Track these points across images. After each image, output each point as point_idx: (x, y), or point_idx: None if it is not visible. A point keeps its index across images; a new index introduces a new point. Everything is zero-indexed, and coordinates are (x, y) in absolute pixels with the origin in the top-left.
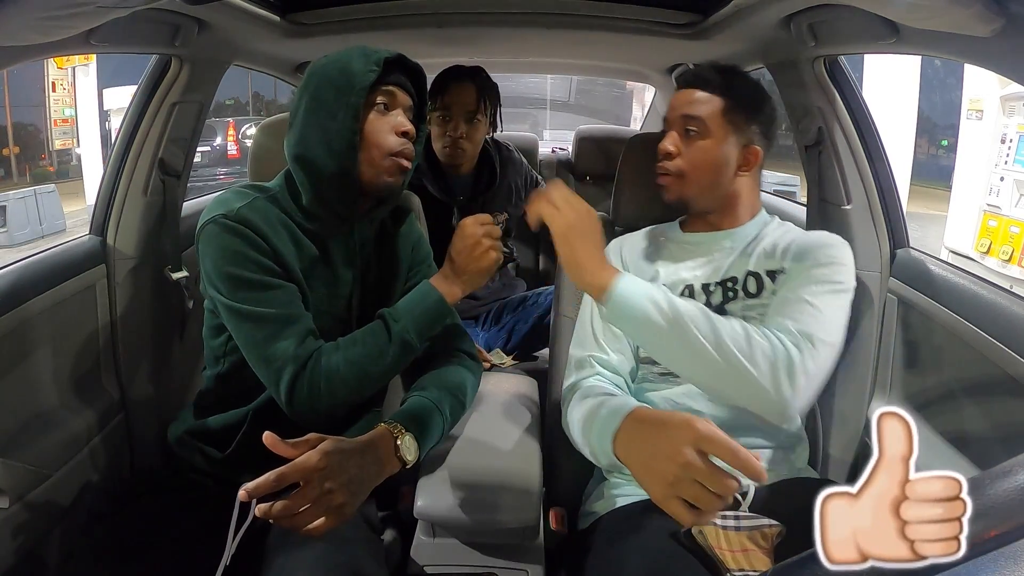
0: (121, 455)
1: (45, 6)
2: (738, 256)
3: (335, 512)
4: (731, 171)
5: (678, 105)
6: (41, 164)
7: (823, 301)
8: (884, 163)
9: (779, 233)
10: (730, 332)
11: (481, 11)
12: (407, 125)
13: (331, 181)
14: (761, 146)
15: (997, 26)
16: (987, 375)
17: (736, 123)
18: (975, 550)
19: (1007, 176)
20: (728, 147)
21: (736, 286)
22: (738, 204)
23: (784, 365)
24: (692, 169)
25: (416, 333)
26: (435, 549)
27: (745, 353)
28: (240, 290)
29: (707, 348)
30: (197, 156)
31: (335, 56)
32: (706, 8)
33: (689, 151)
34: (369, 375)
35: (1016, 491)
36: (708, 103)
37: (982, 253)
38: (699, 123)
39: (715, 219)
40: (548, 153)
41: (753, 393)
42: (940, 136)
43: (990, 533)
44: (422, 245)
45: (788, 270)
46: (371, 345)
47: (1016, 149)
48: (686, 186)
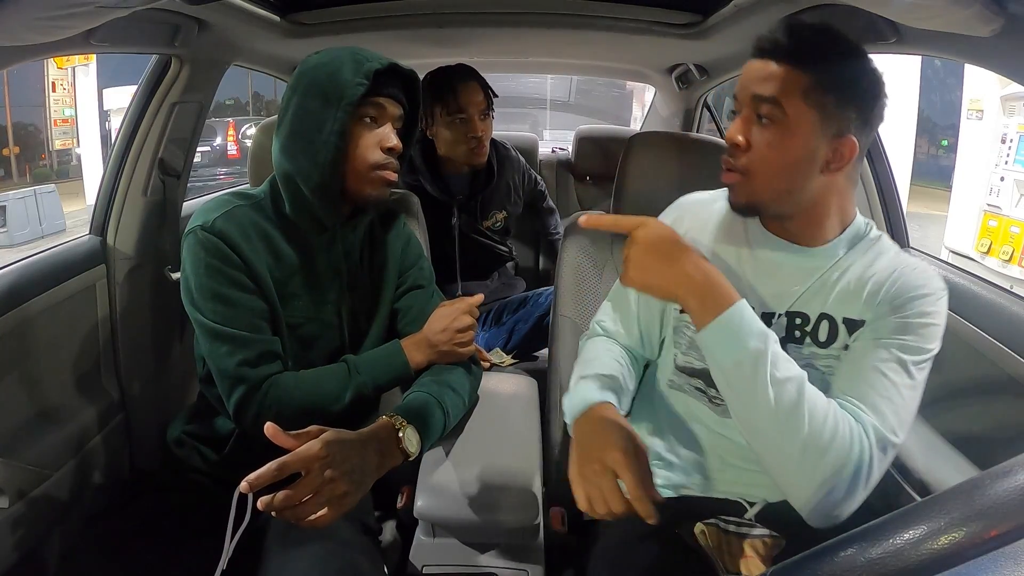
0: (121, 455)
1: (45, 6)
2: (816, 285)
3: (337, 502)
4: (815, 170)
5: (748, 82)
6: (41, 164)
7: (905, 381)
8: (884, 163)
9: (870, 259)
10: (820, 418)
11: (481, 11)
12: (393, 140)
13: (314, 192)
14: (858, 137)
15: (997, 26)
16: (987, 375)
17: (824, 106)
18: (975, 550)
19: (1007, 176)
20: (814, 139)
21: (805, 327)
22: (824, 214)
23: (854, 468)
24: (764, 168)
25: (374, 387)
26: (435, 549)
27: (819, 448)
28: (207, 302)
29: (783, 422)
30: (197, 156)
31: (326, 58)
32: (706, 8)
33: (762, 144)
34: (317, 415)
35: (1016, 491)
36: (787, 81)
37: (982, 253)
38: (775, 107)
39: (794, 229)
40: (548, 153)
41: (803, 488)
42: (940, 136)
43: (990, 533)
44: (412, 247)
45: (872, 323)
46: (328, 388)
47: (1016, 149)
48: (756, 188)
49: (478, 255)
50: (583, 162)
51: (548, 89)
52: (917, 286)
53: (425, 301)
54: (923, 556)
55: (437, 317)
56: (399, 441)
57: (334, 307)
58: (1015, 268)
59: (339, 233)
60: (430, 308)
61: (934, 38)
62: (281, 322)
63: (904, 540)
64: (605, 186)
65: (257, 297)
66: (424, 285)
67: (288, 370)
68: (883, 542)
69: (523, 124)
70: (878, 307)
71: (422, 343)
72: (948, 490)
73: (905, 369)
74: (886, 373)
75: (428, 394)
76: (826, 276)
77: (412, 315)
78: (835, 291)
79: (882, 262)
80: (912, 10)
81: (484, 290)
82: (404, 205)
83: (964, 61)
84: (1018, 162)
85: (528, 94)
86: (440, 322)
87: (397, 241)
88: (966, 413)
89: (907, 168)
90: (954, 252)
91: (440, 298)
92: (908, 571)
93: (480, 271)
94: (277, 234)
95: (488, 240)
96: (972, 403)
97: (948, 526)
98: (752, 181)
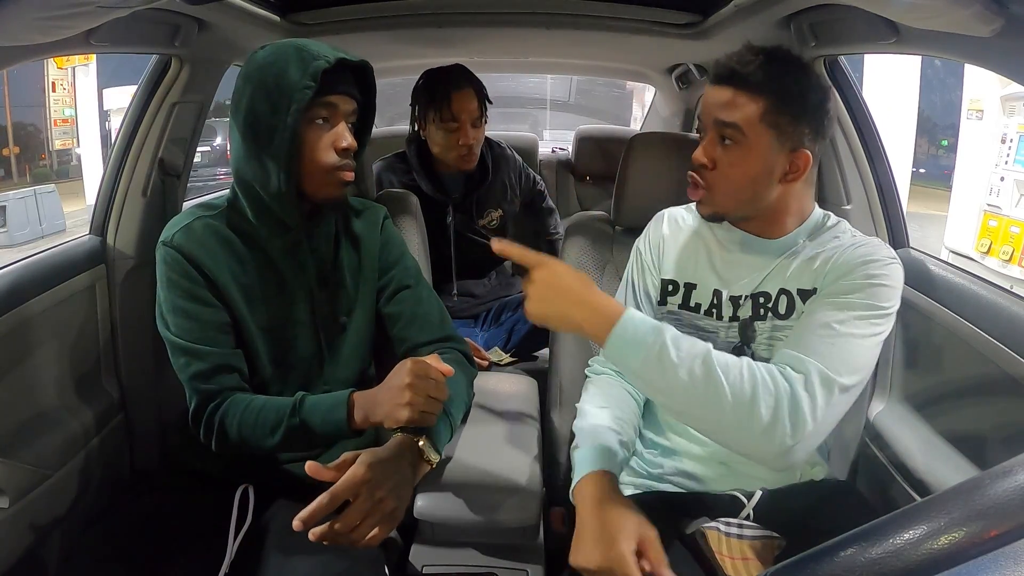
0: (121, 455)
1: (45, 6)
2: (776, 267)
3: (388, 518)
4: (774, 181)
5: (710, 107)
6: (41, 164)
7: (851, 330)
8: (884, 163)
9: (824, 239)
10: (735, 376)
11: (481, 11)
12: (347, 140)
13: (272, 199)
14: (812, 149)
15: (997, 26)
16: (987, 375)
17: (780, 127)
18: (975, 550)
19: (1007, 176)
20: (771, 156)
21: (768, 304)
22: (784, 212)
23: (788, 413)
24: (727, 184)
25: (305, 433)
26: (435, 549)
27: (745, 401)
28: (169, 315)
29: (704, 393)
30: (197, 156)
31: (271, 56)
32: (706, 8)
33: (725, 163)
34: (253, 443)
35: (1016, 491)
36: (744, 106)
37: (982, 253)
38: (735, 131)
39: (755, 226)
40: (548, 153)
41: (751, 443)
42: (940, 136)
43: (990, 533)
44: (393, 245)
45: (821, 290)
46: (266, 419)
47: (1016, 149)
48: (720, 200)
49: (474, 254)
50: (583, 162)
51: (548, 89)
52: (864, 255)
53: (415, 303)
54: (923, 556)
55: (396, 373)
56: (421, 452)
57: (305, 306)
58: (1015, 268)
59: (304, 231)
60: (422, 309)
61: (934, 38)
62: (249, 327)
63: (904, 540)
64: (605, 186)
65: (218, 309)
66: (411, 284)
67: (271, 378)
68: (883, 542)
69: (523, 124)
70: (828, 275)
71: (368, 398)
72: (948, 490)
73: (852, 320)
74: (830, 324)
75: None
76: (786, 261)
77: (405, 320)
78: (791, 269)
79: (835, 242)
80: (912, 10)
81: (483, 289)
82: (402, 205)
83: (964, 61)
84: (1018, 162)
85: (528, 94)
86: (388, 379)
87: (373, 238)
88: (966, 413)
89: (907, 168)
90: (954, 252)
91: (430, 293)
92: (908, 571)
93: (476, 270)
94: (241, 239)
95: (484, 239)
96: (972, 403)
97: (948, 526)
98: (716, 195)
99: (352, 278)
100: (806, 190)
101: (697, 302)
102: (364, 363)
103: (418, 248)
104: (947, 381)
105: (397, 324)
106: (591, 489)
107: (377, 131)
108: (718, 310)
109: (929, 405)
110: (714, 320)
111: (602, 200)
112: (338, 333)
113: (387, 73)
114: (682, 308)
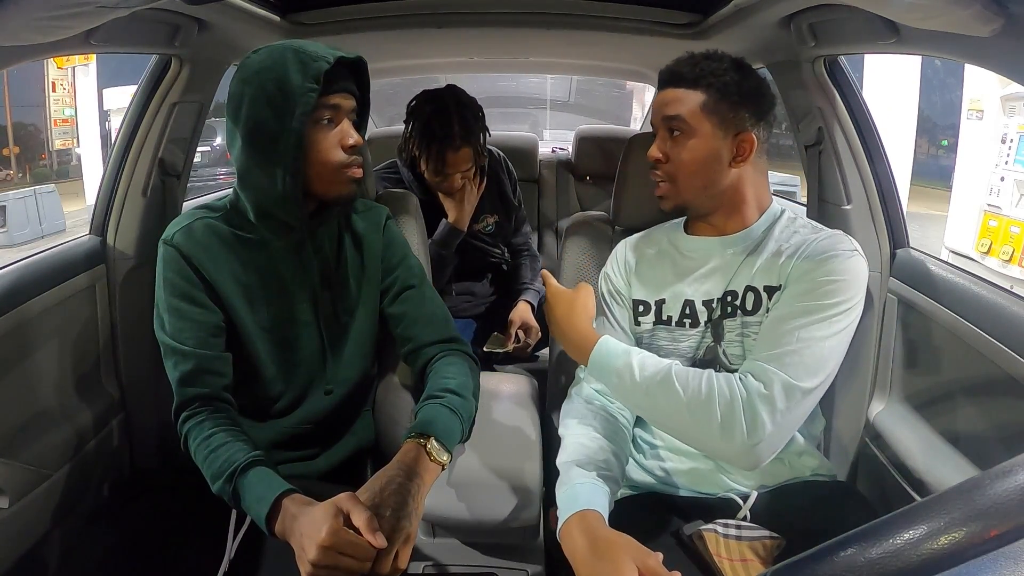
0: (121, 455)
1: (45, 6)
2: (741, 265)
3: (409, 540)
4: (724, 165)
5: (658, 108)
6: (41, 164)
7: (812, 334)
8: (884, 163)
9: (785, 235)
10: (693, 387)
11: (481, 11)
12: (353, 137)
13: (276, 201)
14: (756, 132)
15: (997, 26)
16: (987, 375)
17: (720, 113)
18: (975, 550)
19: (1007, 176)
20: (716, 141)
21: (735, 301)
22: (742, 201)
23: (744, 415)
24: (681, 172)
25: (234, 498)
26: (435, 549)
27: (700, 407)
28: (164, 314)
29: (665, 404)
30: (197, 156)
31: (268, 60)
32: (706, 8)
33: (676, 154)
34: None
35: (1016, 491)
36: (685, 100)
37: (982, 253)
38: (680, 122)
39: (718, 221)
40: (548, 153)
41: (713, 444)
42: (940, 136)
43: (990, 533)
44: (396, 245)
45: (785, 288)
46: (214, 464)
47: (1016, 149)
48: (680, 190)
49: (470, 258)
50: (583, 162)
51: (548, 89)
52: (824, 250)
53: (420, 303)
54: (923, 556)
55: (323, 516)
56: (430, 455)
57: (309, 306)
58: (1015, 268)
59: (307, 231)
60: (426, 310)
61: (934, 38)
62: (251, 328)
63: (904, 540)
64: (605, 186)
65: (212, 311)
66: (415, 284)
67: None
68: (883, 542)
69: (523, 124)
70: (792, 272)
71: (293, 519)
72: (948, 490)
73: (814, 323)
74: (793, 331)
75: (434, 403)
76: (751, 258)
77: (409, 320)
78: (756, 266)
79: (797, 237)
80: (912, 10)
81: (482, 289)
82: (403, 205)
83: (964, 61)
84: (1018, 162)
85: (528, 94)
86: (320, 527)
87: (376, 238)
88: (966, 413)
89: (907, 168)
90: (954, 252)
91: (434, 294)
92: (908, 571)
93: (473, 274)
94: (243, 239)
95: (480, 243)
96: (972, 403)
97: (948, 526)
98: (676, 185)
99: (355, 277)
100: (760, 178)
101: (669, 315)
102: (367, 362)
103: (419, 248)
104: (947, 381)
105: (401, 324)
106: (577, 534)
107: (377, 131)
108: (692, 318)
109: (929, 405)
110: (687, 329)
111: (602, 200)
112: (341, 333)
113: (387, 73)
114: (657, 324)
